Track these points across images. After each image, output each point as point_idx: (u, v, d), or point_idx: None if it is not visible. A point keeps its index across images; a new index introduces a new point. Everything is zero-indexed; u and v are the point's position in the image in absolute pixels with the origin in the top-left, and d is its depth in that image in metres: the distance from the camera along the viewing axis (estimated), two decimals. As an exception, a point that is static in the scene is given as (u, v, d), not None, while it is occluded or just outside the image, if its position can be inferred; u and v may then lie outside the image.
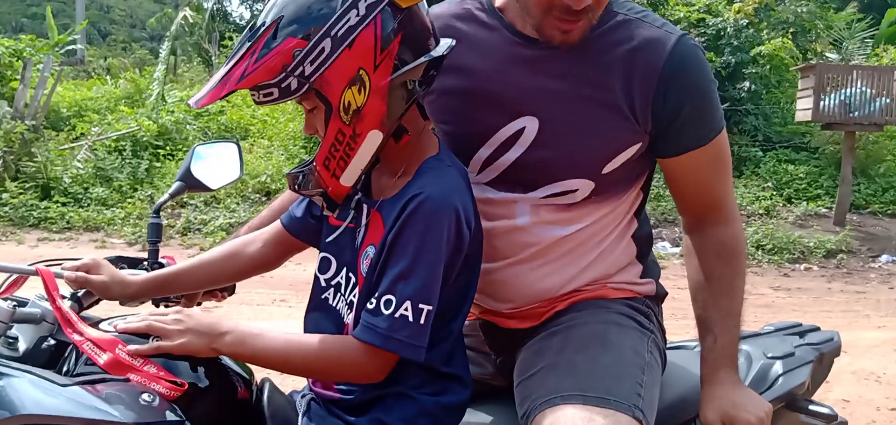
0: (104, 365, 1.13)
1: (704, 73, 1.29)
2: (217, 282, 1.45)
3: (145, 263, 1.52)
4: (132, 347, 1.15)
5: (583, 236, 1.33)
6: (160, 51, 14.50)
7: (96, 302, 1.40)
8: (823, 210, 8.71)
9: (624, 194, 1.35)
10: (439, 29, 1.21)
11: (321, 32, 1.07)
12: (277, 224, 1.41)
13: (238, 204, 8.33)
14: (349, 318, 1.22)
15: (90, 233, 7.65)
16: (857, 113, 8.15)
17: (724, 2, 11.16)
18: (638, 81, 1.24)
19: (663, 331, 1.44)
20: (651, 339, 1.35)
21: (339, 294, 1.26)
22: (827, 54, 11.75)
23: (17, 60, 10.69)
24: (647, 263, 1.45)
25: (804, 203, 8.86)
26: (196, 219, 7.82)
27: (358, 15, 1.07)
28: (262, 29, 1.09)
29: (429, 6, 1.21)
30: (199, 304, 1.54)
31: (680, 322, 2.11)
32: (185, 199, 7.97)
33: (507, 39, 1.29)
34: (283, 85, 1.09)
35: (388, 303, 1.12)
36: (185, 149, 9.83)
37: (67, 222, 7.80)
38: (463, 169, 1.24)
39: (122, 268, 1.47)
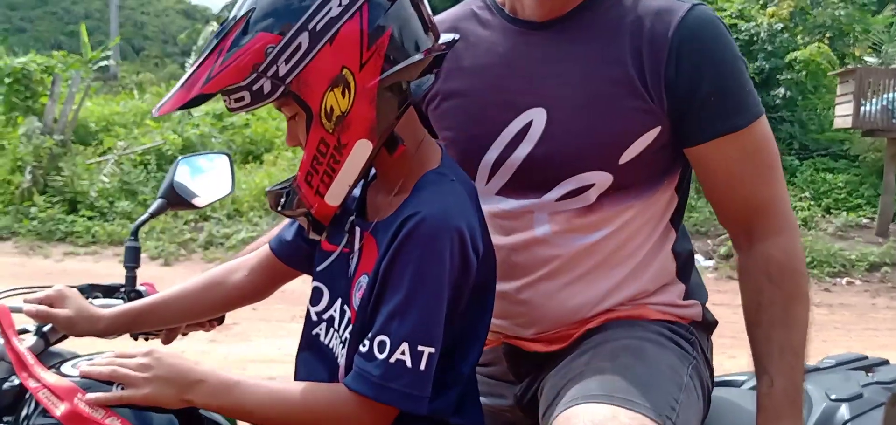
0: (61, 417, 1.00)
1: (723, 43, 1.14)
2: (198, 314, 1.31)
3: (122, 291, 1.39)
4: (92, 396, 1.02)
5: (611, 244, 1.19)
6: (187, 65, 14.65)
7: (64, 336, 1.28)
8: (865, 220, 8.40)
9: (651, 192, 1.20)
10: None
11: (297, 26, 0.94)
12: (265, 249, 1.27)
13: (261, 216, 8.29)
14: (343, 360, 1.06)
15: (115, 248, 7.66)
16: (899, 119, 7.85)
17: (758, 6, 10.90)
18: (647, 52, 1.12)
19: (710, 365, 1.27)
20: (692, 365, 1.18)
21: (332, 330, 1.11)
22: (865, 58, 11.40)
23: (48, 76, 10.85)
24: (690, 284, 1.28)
25: (844, 213, 8.55)
26: (219, 232, 7.80)
27: (340, 5, 0.94)
28: (232, 24, 0.96)
29: (433, 14, 1.08)
30: (184, 334, 1.41)
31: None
32: (207, 212, 7.94)
33: (507, 30, 1.21)
34: (254, 88, 0.95)
35: (382, 346, 0.97)
36: (210, 162, 9.85)
37: (93, 236, 7.85)
38: (470, 183, 1.09)
39: (95, 297, 1.35)
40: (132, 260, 1.40)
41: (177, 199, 1.46)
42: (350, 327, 1.06)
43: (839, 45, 11.44)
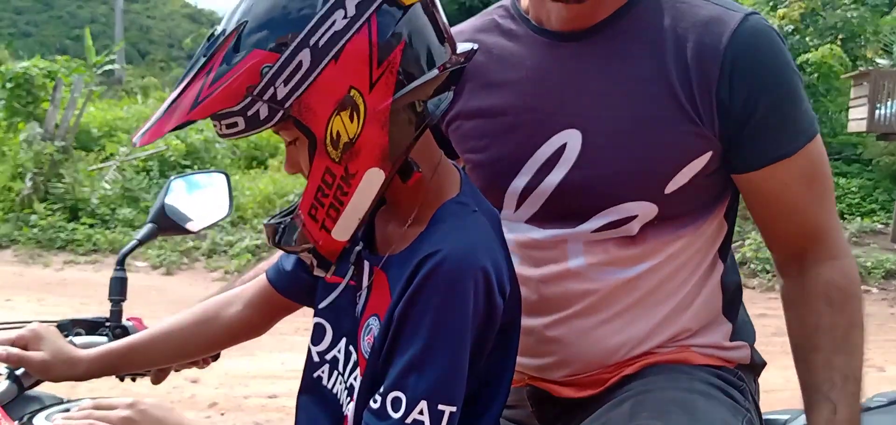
0: None
1: (782, 60, 1.03)
2: (189, 353, 1.19)
3: (107, 326, 1.26)
4: None
5: (653, 280, 1.07)
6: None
7: (40, 380, 1.15)
8: (879, 226, 8.25)
9: (700, 224, 1.08)
10: None
11: (297, 41, 0.82)
12: (262, 279, 1.14)
13: (265, 224, 8.19)
14: (349, 409, 0.94)
15: (116, 256, 7.55)
16: (914, 122, 7.71)
17: (768, 8, 10.77)
18: (695, 68, 1.00)
19: (759, 411, 1.15)
20: (746, 419, 1.06)
21: (335, 372, 0.99)
22: (877, 60, 11.27)
23: (50, 81, 10.80)
24: (737, 322, 1.15)
25: (858, 218, 8.40)
26: (222, 240, 7.69)
27: (346, 16, 0.82)
28: (221, 39, 0.83)
29: (450, 25, 0.96)
30: (177, 370, 1.29)
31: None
32: (211, 220, 7.84)
33: (534, 41, 1.09)
34: (249, 113, 0.83)
35: (396, 404, 0.85)
36: (214, 168, 9.77)
37: (94, 244, 7.77)
38: (493, 212, 0.97)
39: (76, 333, 1.23)
40: (118, 291, 1.28)
41: (168, 224, 1.34)
42: (357, 373, 0.94)
43: (851, 46, 11.32)
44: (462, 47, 0.93)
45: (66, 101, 9.81)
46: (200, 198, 1.39)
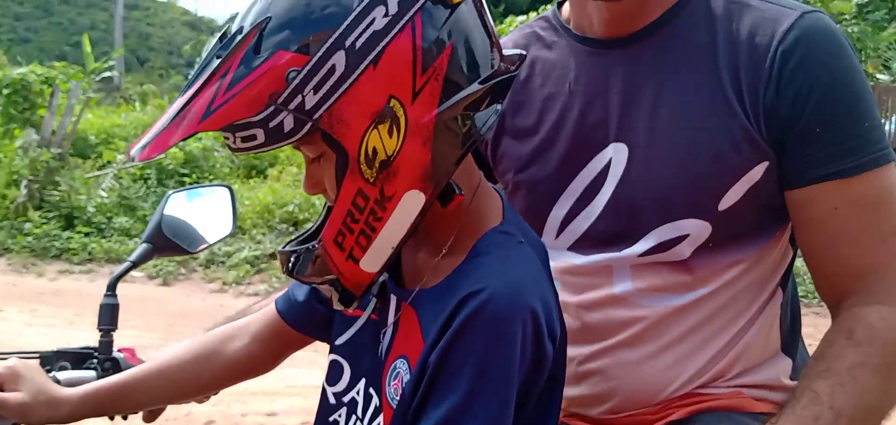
0: None
1: (841, 62, 0.91)
2: (187, 393, 1.10)
3: (95, 359, 1.16)
4: None
5: (706, 310, 0.98)
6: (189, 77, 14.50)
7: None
8: (884, 242, 8.18)
9: (759, 248, 0.98)
10: None
11: (330, 42, 0.71)
12: (271, 310, 1.05)
13: (264, 234, 8.07)
14: None
15: (112, 265, 7.46)
16: (919, 138, 7.65)
17: (770, 22, 10.76)
18: (745, 70, 0.92)
19: None
20: None
21: (353, 417, 0.90)
22: (877, 76, 11.24)
23: (48, 88, 10.72)
24: (797, 359, 1.06)
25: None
26: (220, 250, 7.56)
27: (386, 14, 0.72)
28: (239, 37, 0.72)
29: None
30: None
31: None
32: (208, 230, 7.75)
33: (577, 51, 1.02)
34: (271, 124, 0.72)
35: None
36: (212, 177, 9.68)
37: (89, 253, 7.65)
38: (539, 243, 0.88)
39: (61, 367, 1.12)
40: (108, 320, 1.17)
41: (166, 244, 1.23)
42: (379, 420, 0.85)
43: (852, 61, 11.29)
44: (509, 53, 0.83)
45: (64, 107, 9.73)
46: (201, 215, 1.28)
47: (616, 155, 0.97)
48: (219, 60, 0.73)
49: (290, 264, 0.83)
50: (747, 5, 0.96)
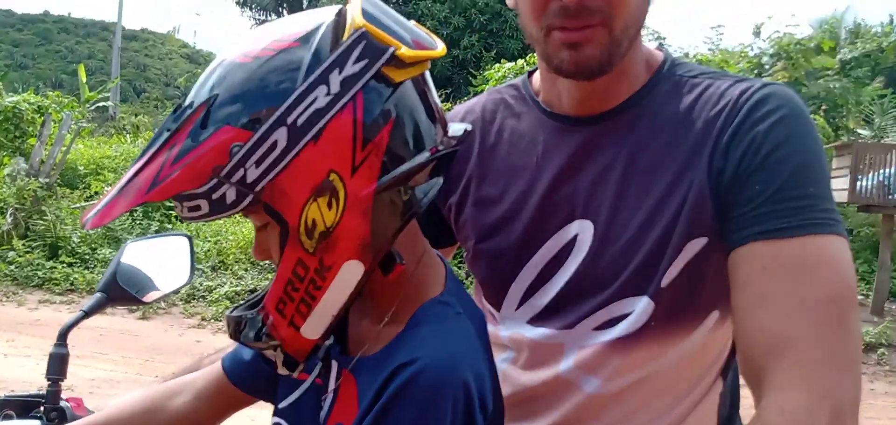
0: None
1: (796, 128, 0.88)
2: None
3: (42, 408, 1.17)
4: None
5: (646, 391, 0.97)
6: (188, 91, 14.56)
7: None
8: (860, 297, 8.24)
9: (699, 329, 0.96)
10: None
11: (273, 119, 0.73)
12: (217, 367, 1.05)
13: (246, 270, 8.11)
14: None
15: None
16: (895, 195, 7.77)
17: (753, 75, 10.93)
18: (704, 140, 0.92)
19: None
20: None
21: None
22: (859, 131, 11.42)
23: (39, 116, 10.79)
24: None
25: (841, 289, 8.40)
26: (201, 285, 7.60)
27: (329, 93, 0.74)
28: (189, 111, 0.75)
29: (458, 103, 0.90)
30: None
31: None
32: (191, 264, 7.77)
33: (546, 125, 1.02)
34: (214, 196, 0.75)
35: None
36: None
37: (71, 284, 7.66)
38: (478, 314, 0.90)
39: (6, 416, 1.15)
40: (56, 370, 1.17)
41: (120, 293, 1.22)
42: None
43: (833, 116, 11.46)
44: (454, 128, 0.86)
45: (54, 137, 9.79)
46: (159, 264, 1.28)
47: (582, 231, 0.97)
48: (168, 133, 0.75)
49: (240, 331, 0.84)
50: (711, 82, 0.96)
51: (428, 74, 0.82)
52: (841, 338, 0.79)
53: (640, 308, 0.93)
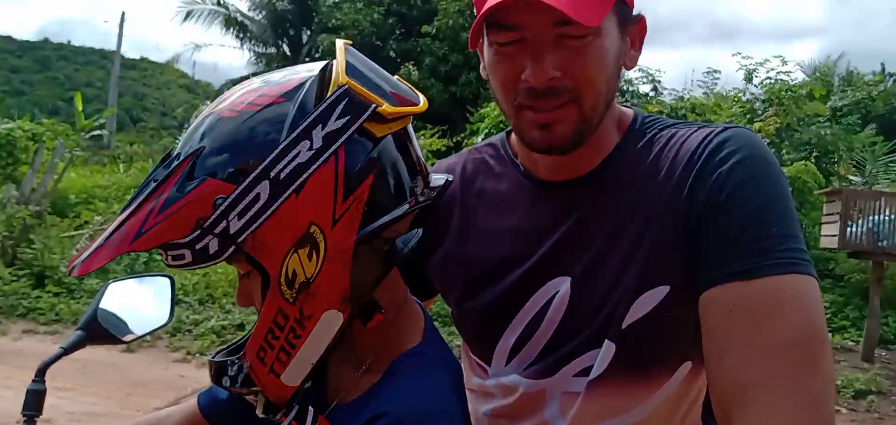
0: None
1: (759, 169, 0.89)
2: None
3: None
4: None
5: None
6: (178, 141, 14.61)
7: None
8: (850, 343, 8.23)
9: (665, 377, 0.97)
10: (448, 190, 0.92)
11: (256, 172, 0.75)
12: (193, 405, 1.08)
13: (234, 304, 8.04)
14: None
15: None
16: (885, 242, 7.78)
17: (744, 121, 11.02)
18: (670, 187, 0.93)
19: None
20: None
21: None
22: (850, 177, 11.49)
23: (33, 144, 10.81)
24: None
25: (829, 335, 8.37)
26: (188, 318, 7.53)
27: (311, 147, 0.76)
28: (176, 163, 0.77)
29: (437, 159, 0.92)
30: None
31: None
32: (178, 296, 7.71)
33: (524, 188, 1.06)
34: (198, 246, 0.76)
35: None
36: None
37: (56, 314, 7.59)
38: (455, 364, 0.92)
39: None
40: (33, 406, 1.16)
41: (100, 332, 1.22)
42: None
43: (825, 162, 11.54)
44: (435, 180, 0.88)
45: (47, 164, 9.79)
46: (139, 304, 1.28)
47: (561, 286, 0.99)
48: (155, 183, 0.77)
49: (222, 377, 0.86)
50: (675, 131, 0.99)
51: (410, 128, 0.84)
52: (805, 380, 0.79)
53: (603, 350, 0.96)
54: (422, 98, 0.85)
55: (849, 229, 7.90)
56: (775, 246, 0.84)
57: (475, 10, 0.96)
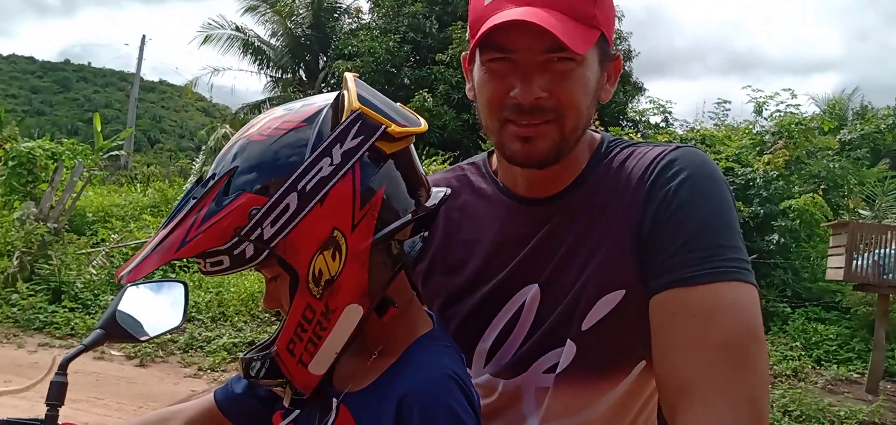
0: None
1: (705, 182, 0.99)
2: None
3: None
4: None
5: None
6: (195, 162, 14.86)
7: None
8: (855, 375, 8.21)
9: (623, 374, 1.06)
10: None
11: (285, 186, 0.87)
12: (208, 398, 1.17)
13: (246, 322, 8.16)
14: None
15: (92, 342, 7.52)
16: (890, 275, 7.79)
17: (754, 152, 11.07)
18: (628, 204, 1.03)
19: None
20: None
21: None
22: (859, 211, 11.47)
23: (52, 163, 11.02)
24: None
25: (835, 366, 8.37)
26: (200, 335, 7.65)
27: (332, 164, 0.87)
28: (213, 182, 0.89)
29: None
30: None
31: None
32: (191, 313, 7.85)
33: (504, 204, 1.16)
34: (235, 252, 0.87)
35: None
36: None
37: (72, 328, 7.71)
38: (460, 353, 1.02)
39: None
40: (56, 396, 1.26)
41: (118, 331, 1.33)
42: None
43: (834, 195, 11.54)
44: (436, 192, 0.99)
45: (65, 183, 9.98)
46: (155, 307, 1.39)
47: (530, 294, 1.09)
48: (195, 200, 0.89)
49: (252, 371, 0.98)
50: (633, 150, 1.09)
51: (413, 148, 0.96)
52: (740, 377, 0.87)
53: (566, 348, 1.06)
54: (422, 121, 0.97)
55: (855, 262, 7.92)
56: (717, 255, 0.93)
57: (469, 33, 1.07)
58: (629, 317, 1.01)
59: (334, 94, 0.95)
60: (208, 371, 6.94)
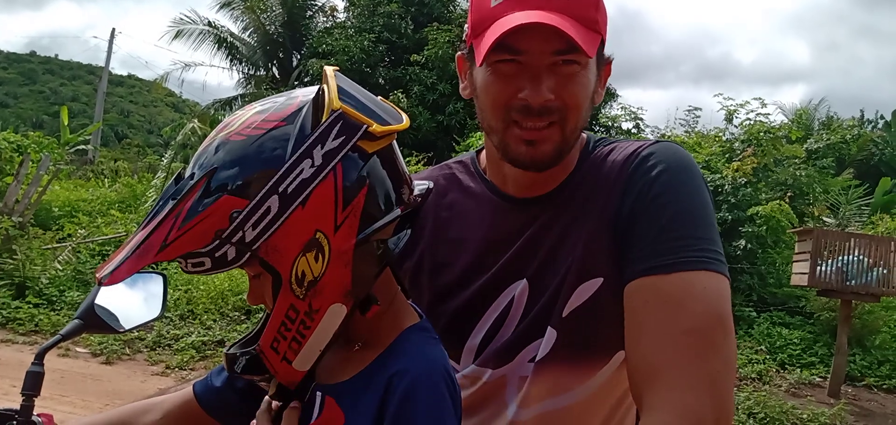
0: None
1: (683, 177, 1.02)
2: None
3: (15, 421, 1.23)
4: None
5: (560, 420, 1.09)
6: (163, 158, 14.66)
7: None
8: (817, 379, 8.39)
9: (601, 363, 1.08)
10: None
11: (266, 189, 0.85)
12: (187, 391, 1.16)
13: (216, 320, 8.08)
14: None
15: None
16: (853, 281, 7.97)
17: (723, 159, 11.26)
18: (610, 198, 1.06)
19: None
20: None
21: None
22: (824, 218, 11.73)
23: (18, 156, 10.79)
24: None
25: (798, 370, 8.55)
26: (168, 333, 7.56)
27: (313, 165, 0.85)
28: (191, 183, 0.86)
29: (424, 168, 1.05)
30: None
31: None
32: (159, 312, 7.74)
33: (491, 203, 1.17)
34: (216, 254, 0.86)
35: None
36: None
37: (36, 325, 7.58)
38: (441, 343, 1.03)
39: None
40: (31, 386, 1.25)
41: (96, 322, 1.31)
42: None
43: (799, 203, 11.78)
44: (418, 186, 0.98)
45: (31, 177, 9.79)
46: (133, 299, 1.37)
47: (519, 290, 1.11)
48: (173, 201, 0.85)
49: (237, 366, 0.96)
50: (615, 146, 1.12)
51: (395, 143, 0.95)
52: (705, 363, 0.91)
53: (546, 335, 1.07)
54: (404, 116, 0.95)
55: (819, 268, 8.08)
56: (690, 245, 0.97)
57: (467, 30, 1.07)
58: (607, 304, 1.03)
59: (315, 88, 0.93)
60: (176, 369, 6.87)
